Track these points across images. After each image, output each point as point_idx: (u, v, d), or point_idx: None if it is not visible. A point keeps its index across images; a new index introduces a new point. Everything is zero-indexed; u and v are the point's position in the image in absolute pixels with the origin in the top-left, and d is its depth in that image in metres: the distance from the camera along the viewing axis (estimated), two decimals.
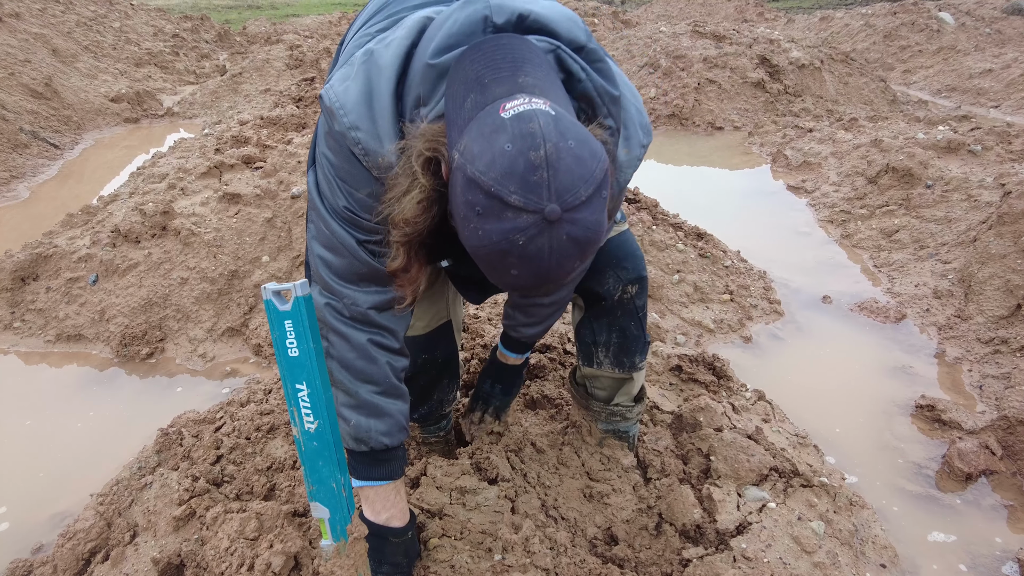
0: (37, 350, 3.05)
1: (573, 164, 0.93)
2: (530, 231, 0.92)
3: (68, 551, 1.82)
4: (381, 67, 1.14)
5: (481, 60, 1.04)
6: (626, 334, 1.81)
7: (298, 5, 21.38)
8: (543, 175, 0.91)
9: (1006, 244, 3.15)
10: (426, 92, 1.11)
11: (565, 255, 0.96)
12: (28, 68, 6.81)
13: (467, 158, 0.94)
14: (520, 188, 0.91)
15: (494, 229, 0.93)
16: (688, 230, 3.81)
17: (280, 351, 1.21)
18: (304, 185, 3.48)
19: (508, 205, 0.92)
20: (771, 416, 2.46)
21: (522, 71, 1.02)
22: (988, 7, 11.59)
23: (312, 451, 1.27)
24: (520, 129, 0.92)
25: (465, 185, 0.95)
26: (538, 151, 0.91)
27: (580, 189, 0.93)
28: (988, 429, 2.40)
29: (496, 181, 0.91)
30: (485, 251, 0.96)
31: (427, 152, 1.06)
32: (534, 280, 0.99)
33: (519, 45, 1.06)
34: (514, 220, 0.92)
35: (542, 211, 0.91)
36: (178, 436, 2.21)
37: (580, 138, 0.96)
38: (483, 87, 1.00)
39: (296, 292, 1.18)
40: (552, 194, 0.91)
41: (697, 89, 7.27)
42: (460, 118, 1.01)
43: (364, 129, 1.14)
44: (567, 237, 0.94)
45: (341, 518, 1.33)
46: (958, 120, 5.41)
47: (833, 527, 1.90)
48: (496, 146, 0.92)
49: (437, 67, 1.10)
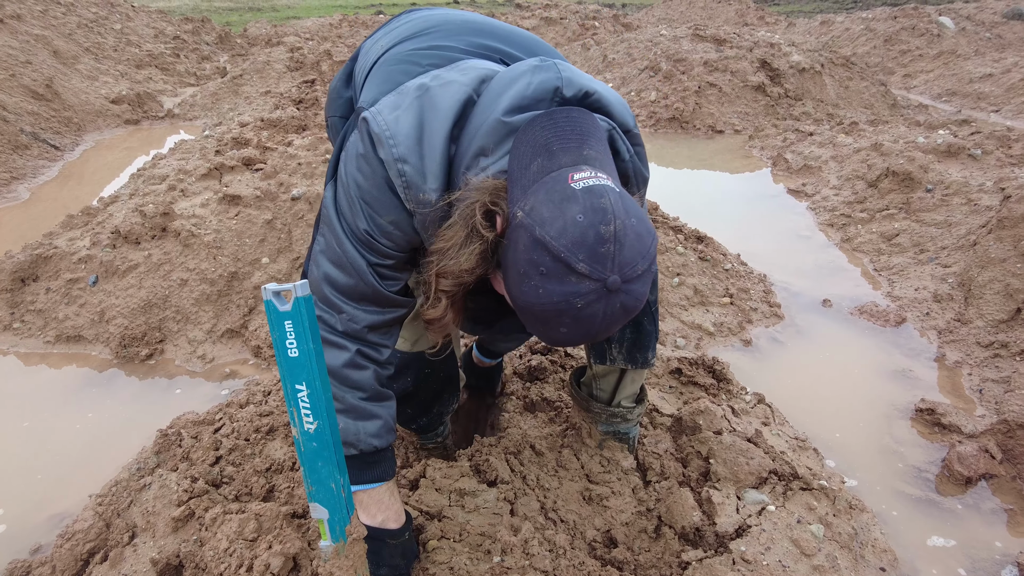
0: (36, 351, 3.04)
1: (635, 241, 1.02)
2: (590, 297, 1.00)
3: (67, 552, 1.81)
4: (438, 108, 1.18)
5: (551, 128, 1.10)
6: (640, 330, 1.81)
7: (299, 8, 21.42)
8: (611, 248, 0.99)
9: (1006, 248, 3.15)
10: (492, 145, 1.15)
11: (614, 320, 1.05)
12: (29, 69, 6.82)
13: (536, 220, 1.01)
14: (588, 258, 0.99)
15: (556, 290, 1.00)
16: (688, 233, 3.81)
17: (280, 352, 1.21)
18: (304, 188, 3.49)
19: (574, 271, 0.99)
20: (771, 419, 2.45)
21: (587, 144, 1.09)
22: (988, 12, 11.62)
23: (311, 452, 1.26)
24: (592, 203, 1.00)
25: (532, 245, 1.01)
26: (608, 226, 0.99)
27: (639, 264, 1.02)
28: (988, 433, 2.40)
29: (567, 248, 0.98)
30: (540, 308, 1.03)
31: (487, 202, 1.10)
32: (580, 339, 1.07)
33: (586, 120, 1.13)
34: (577, 285, 1.00)
35: (605, 280, 1.00)
36: (177, 437, 2.21)
37: (640, 216, 1.05)
38: (551, 154, 1.07)
39: (296, 293, 1.18)
40: (616, 266, 1.00)
41: (698, 92, 7.28)
42: (525, 178, 1.07)
43: (412, 164, 1.17)
44: (620, 305, 1.03)
45: (340, 519, 1.33)
46: (958, 124, 5.42)
47: (832, 530, 1.89)
48: (568, 215, 0.99)
49: (509, 125, 1.15)
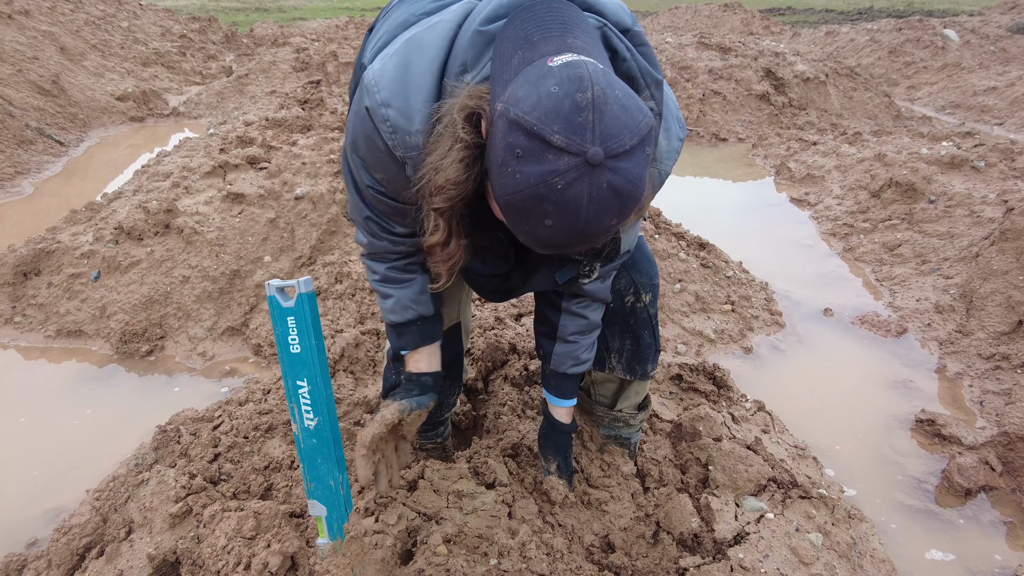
0: (37, 345, 3.04)
1: (619, 111, 0.91)
2: (570, 175, 0.89)
3: (63, 546, 1.81)
4: (423, 48, 1.14)
5: (531, 20, 1.03)
6: (640, 342, 1.80)
7: (305, 9, 21.50)
8: (588, 116, 0.89)
9: (1008, 260, 3.15)
10: (472, 58, 1.10)
11: (604, 206, 0.92)
12: (36, 65, 6.84)
13: (511, 103, 0.92)
14: (564, 128, 0.88)
15: (532, 172, 0.90)
16: (690, 240, 3.81)
17: (282, 347, 1.21)
18: (307, 187, 3.49)
19: (550, 145, 0.89)
20: (771, 427, 2.45)
21: (571, 33, 1.01)
22: (993, 25, 11.65)
23: (311, 448, 1.26)
24: (568, 73, 0.91)
25: (507, 128, 0.92)
26: (585, 93, 0.89)
27: (625, 137, 0.90)
28: (988, 445, 2.40)
29: (540, 120, 0.89)
30: (520, 197, 0.92)
31: (470, 105, 1.03)
32: (568, 233, 0.94)
33: (569, 11, 1.06)
34: (555, 162, 0.89)
35: (584, 153, 0.88)
36: (176, 434, 2.21)
37: (628, 91, 0.94)
38: (531, 45, 1.00)
39: (299, 289, 1.18)
40: (596, 137, 0.89)
41: (702, 100, 7.29)
42: (506, 74, 0.99)
43: (395, 106, 1.13)
44: (607, 185, 0.91)
45: (338, 516, 1.33)
46: (962, 136, 5.42)
47: (831, 539, 1.89)
48: (543, 88, 0.90)
49: (486, 34, 1.09)
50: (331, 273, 3.16)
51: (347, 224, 3.51)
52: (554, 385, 1.78)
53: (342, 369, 2.60)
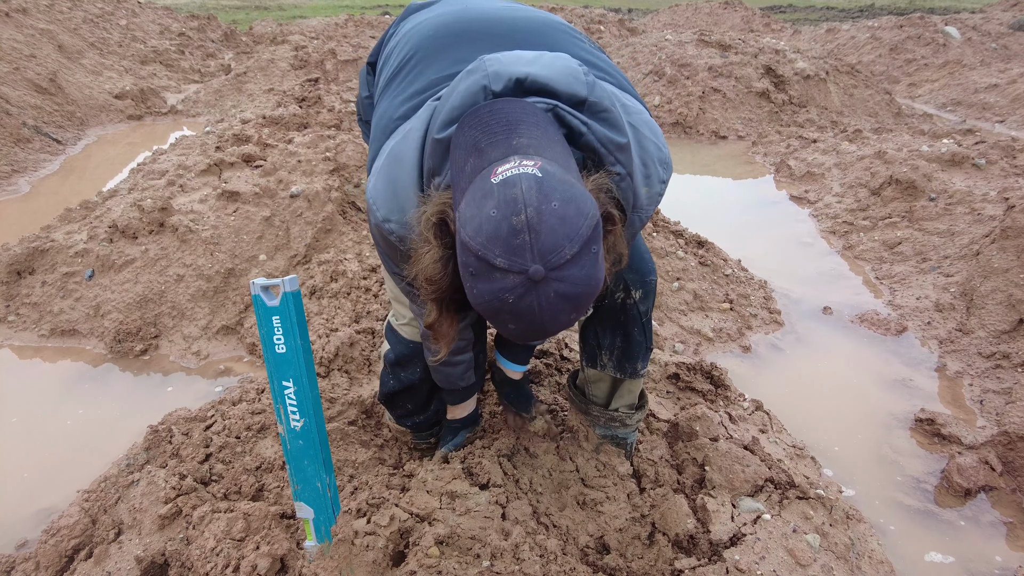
0: (31, 344, 3.02)
1: (556, 224, 0.97)
2: (517, 290, 0.97)
3: (51, 548, 1.79)
4: (401, 161, 1.25)
5: (478, 126, 1.10)
6: (630, 339, 1.79)
7: (305, 7, 21.46)
8: (525, 238, 0.96)
9: (1009, 258, 3.12)
10: (436, 164, 1.19)
11: (557, 310, 1.00)
12: (33, 63, 6.82)
13: (461, 223, 1.01)
14: (504, 252, 0.96)
15: (485, 289, 0.99)
16: (689, 238, 3.79)
17: (267, 347, 1.19)
18: (303, 185, 3.47)
19: (495, 267, 0.97)
20: (768, 427, 2.43)
21: (516, 133, 1.06)
22: (994, 22, 11.61)
23: (298, 449, 1.24)
24: (504, 195, 0.97)
25: (461, 248, 1.02)
26: (519, 216, 0.96)
27: (564, 248, 0.97)
28: (988, 444, 2.37)
29: (482, 246, 0.97)
30: (483, 307, 1.02)
31: (434, 217, 1.12)
32: (531, 333, 1.04)
33: (513, 108, 1.11)
34: (502, 281, 0.97)
35: (526, 272, 0.96)
36: (168, 433, 2.19)
37: (566, 197, 0.99)
38: (480, 152, 1.06)
39: (285, 288, 1.16)
40: (536, 255, 0.96)
41: (702, 98, 7.26)
42: (462, 181, 1.07)
43: (395, 220, 1.26)
44: (555, 294, 0.98)
45: (326, 519, 1.31)
46: (963, 134, 5.39)
47: (829, 540, 1.87)
48: (484, 212, 0.98)
49: (442, 141, 1.17)
50: (326, 272, 3.13)
51: (342, 222, 3.49)
52: (509, 352, 1.94)
53: (337, 368, 2.58)
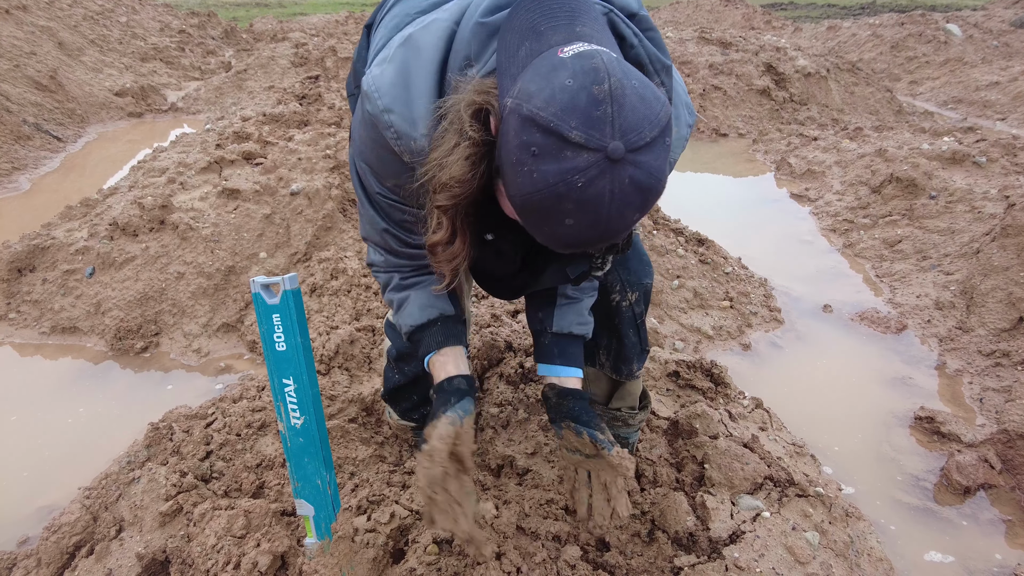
0: (32, 342, 3.03)
1: (638, 103, 0.87)
2: (591, 172, 0.86)
3: (52, 544, 1.80)
4: (420, 49, 1.11)
5: (536, 9, 0.99)
6: (624, 341, 1.77)
7: (305, 4, 21.44)
8: (607, 110, 0.85)
9: (1009, 256, 3.12)
10: (476, 51, 1.06)
11: (626, 202, 0.89)
12: (34, 60, 6.82)
13: (522, 98, 0.89)
14: (582, 123, 0.85)
15: (551, 170, 0.86)
16: (689, 236, 3.79)
17: (267, 345, 1.20)
18: (303, 183, 3.47)
19: (568, 142, 0.85)
20: (768, 424, 2.43)
21: (579, 21, 0.98)
22: (996, 20, 11.58)
23: (298, 447, 1.25)
24: (582, 65, 0.87)
25: (520, 126, 0.88)
26: (602, 85, 0.85)
27: (645, 129, 0.87)
28: (987, 442, 2.37)
29: (556, 116, 0.85)
30: (539, 197, 0.89)
31: (477, 101, 0.99)
32: (590, 231, 0.91)
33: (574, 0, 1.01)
34: (574, 159, 0.85)
35: (605, 149, 0.85)
36: (168, 431, 2.19)
37: (644, 80, 0.91)
38: (539, 35, 0.96)
39: (285, 286, 1.16)
40: (616, 131, 0.85)
41: (702, 95, 7.25)
42: (514, 66, 0.96)
43: (398, 111, 1.10)
44: (630, 181, 0.87)
45: (326, 516, 1.31)
46: (963, 132, 5.38)
47: (828, 538, 1.87)
48: (556, 82, 0.87)
49: (488, 25, 1.05)
50: (327, 269, 3.14)
51: (343, 220, 3.49)
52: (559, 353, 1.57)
53: (337, 366, 2.58)
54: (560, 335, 1.56)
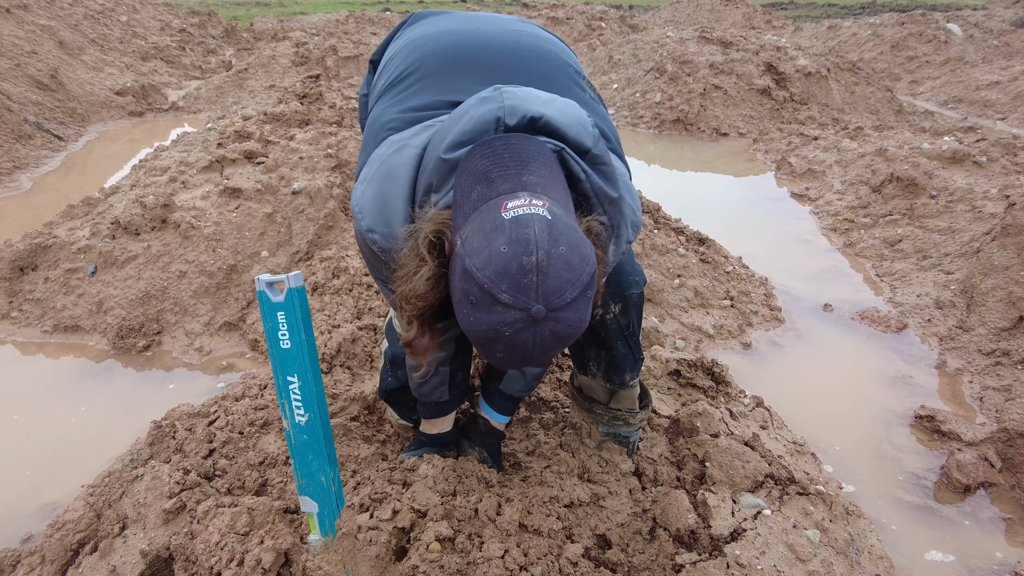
0: (34, 340, 3.03)
1: (562, 269, 1.01)
2: (516, 326, 1.01)
3: (56, 542, 1.80)
4: (394, 176, 1.27)
5: (490, 156, 1.12)
6: (613, 353, 1.79)
7: (306, 3, 21.42)
8: (533, 279, 0.99)
9: (1009, 256, 3.13)
10: (438, 182, 1.20)
11: (547, 347, 1.04)
12: (34, 59, 6.82)
13: (467, 250, 1.03)
14: (511, 288, 0.99)
15: (484, 319, 1.02)
16: (690, 235, 3.79)
17: (272, 343, 1.20)
18: (305, 182, 3.48)
19: (498, 301, 1.00)
20: (769, 423, 2.44)
21: (527, 169, 1.09)
22: (996, 19, 11.59)
23: (302, 444, 1.25)
24: (517, 233, 1.00)
25: (462, 275, 1.03)
26: (530, 257, 0.99)
27: (566, 292, 1.01)
28: (987, 441, 2.38)
29: (489, 279, 0.99)
30: (476, 335, 1.05)
31: (432, 236, 1.14)
32: (520, 363, 1.08)
33: (527, 145, 1.13)
34: (503, 315, 1.00)
35: (528, 310, 0.99)
36: (171, 429, 2.20)
37: (572, 243, 1.03)
38: (489, 182, 1.08)
39: (289, 284, 1.17)
40: (539, 296, 0.99)
41: (703, 95, 7.25)
42: (466, 206, 1.09)
43: (379, 232, 1.27)
44: (550, 333, 1.02)
45: (330, 513, 1.32)
46: (964, 131, 5.39)
47: (829, 536, 1.88)
48: (494, 246, 1.00)
49: (449, 161, 1.18)
50: (328, 268, 3.14)
51: (344, 219, 3.50)
52: (498, 403, 1.93)
53: (339, 364, 2.59)
54: (503, 393, 1.91)
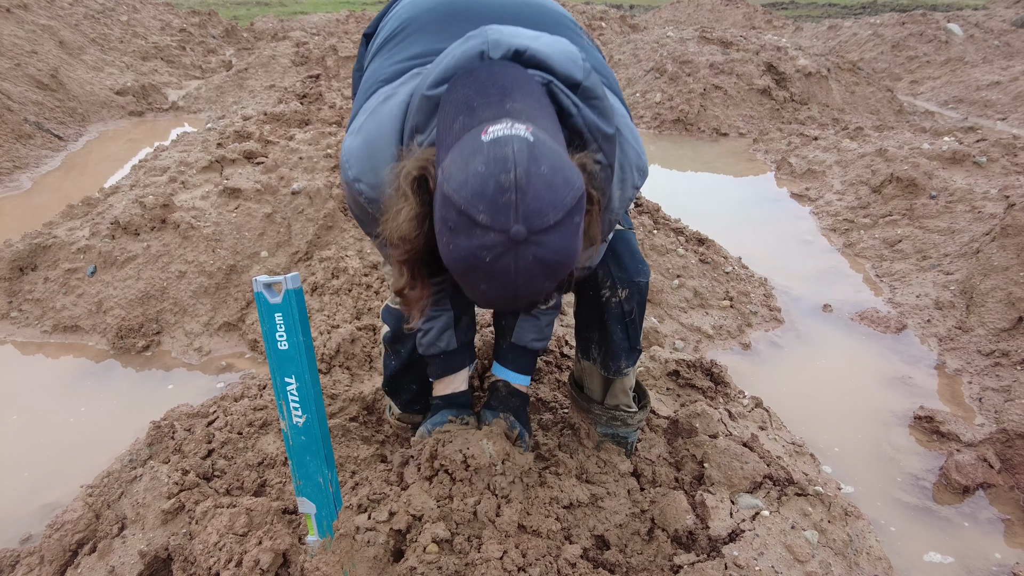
0: (33, 340, 3.04)
1: (543, 189, 0.97)
2: (496, 249, 0.97)
3: (55, 542, 1.80)
4: (381, 123, 1.25)
5: (472, 85, 1.10)
6: (611, 337, 1.78)
7: (306, 3, 21.43)
8: (511, 198, 0.95)
9: (1009, 256, 3.13)
10: (421, 121, 1.18)
11: (531, 275, 1.00)
12: (35, 59, 6.82)
13: (445, 176, 1.00)
14: (488, 208, 0.96)
15: (463, 245, 0.98)
16: (689, 235, 3.79)
17: (270, 344, 1.20)
18: (304, 182, 3.48)
19: (476, 223, 0.96)
20: (768, 424, 2.44)
21: (510, 97, 1.06)
22: (997, 19, 11.58)
23: (300, 445, 1.25)
24: (495, 153, 0.97)
25: (441, 202, 1.00)
26: (508, 174, 0.95)
27: (548, 214, 0.97)
28: (987, 442, 2.38)
29: (466, 200, 0.96)
30: (456, 265, 1.02)
31: (415, 172, 1.11)
32: (501, 295, 1.03)
33: (511, 73, 1.11)
34: (481, 238, 0.97)
35: (508, 231, 0.96)
36: (170, 429, 2.20)
37: (555, 166, 0.99)
38: (471, 111, 1.05)
39: (287, 285, 1.17)
40: (519, 216, 0.96)
41: (703, 95, 7.25)
42: (449, 138, 1.06)
43: (365, 180, 1.25)
44: (533, 258, 0.98)
45: (328, 514, 1.32)
46: (964, 131, 5.39)
47: (827, 537, 1.88)
48: (471, 167, 0.97)
49: (432, 98, 1.16)
50: (328, 268, 3.14)
51: (344, 219, 3.50)
52: (513, 360, 1.82)
53: (338, 365, 2.59)
54: (516, 346, 1.78)
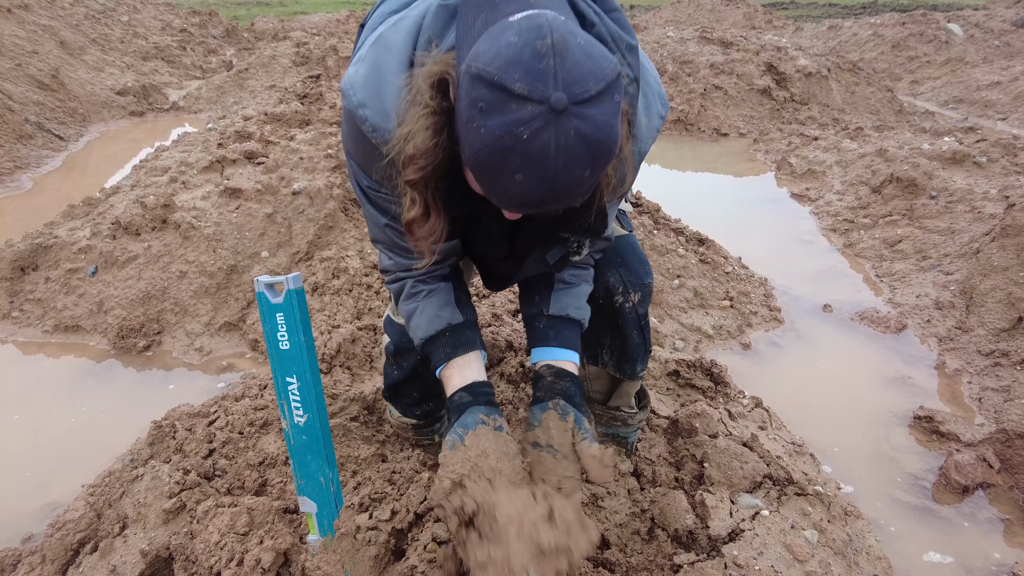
0: (35, 340, 3.04)
1: (583, 58, 0.88)
2: (535, 123, 0.86)
3: (57, 541, 1.81)
4: (390, 45, 1.13)
5: None
6: (628, 341, 1.77)
7: (306, 3, 21.43)
8: (549, 63, 0.86)
9: (1009, 256, 3.13)
10: (438, 31, 1.10)
11: (573, 155, 0.89)
12: (35, 59, 6.82)
13: (472, 59, 0.91)
14: (525, 75, 0.86)
15: (497, 123, 0.88)
16: (689, 235, 3.79)
17: (271, 344, 1.21)
18: (305, 182, 3.48)
19: (513, 94, 0.87)
20: (768, 423, 2.44)
21: None
22: (997, 19, 11.57)
23: (301, 445, 1.26)
24: (527, 23, 0.90)
25: (470, 84, 0.90)
26: (544, 39, 0.87)
27: (590, 82, 0.88)
28: (986, 442, 2.38)
29: (500, 70, 0.87)
30: (487, 152, 0.90)
31: (436, 72, 1.02)
32: (539, 187, 0.91)
33: None
34: (519, 111, 0.87)
35: (548, 99, 0.86)
36: (171, 429, 2.20)
37: (592, 40, 0.92)
38: (494, 7, 0.98)
39: (288, 285, 1.17)
40: (559, 83, 0.86)
41: (703, 95, 7.26)
42: (470, 37, 0.98)
43: (371, 106, 1.13)
44: (575, 133, 0.88)
45: (329, 513, 1.32)
46: (964, 132, 5.39)
47: (827, 536, 1.88)
48: (502, 40, 0.89)
49: (449, 7, 1.09)
50: (328, 268, 3.15)
51: (344, 219, 3.51)
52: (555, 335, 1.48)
53: (339, 365, 2.59)
54: (556, 317, 1.50)
